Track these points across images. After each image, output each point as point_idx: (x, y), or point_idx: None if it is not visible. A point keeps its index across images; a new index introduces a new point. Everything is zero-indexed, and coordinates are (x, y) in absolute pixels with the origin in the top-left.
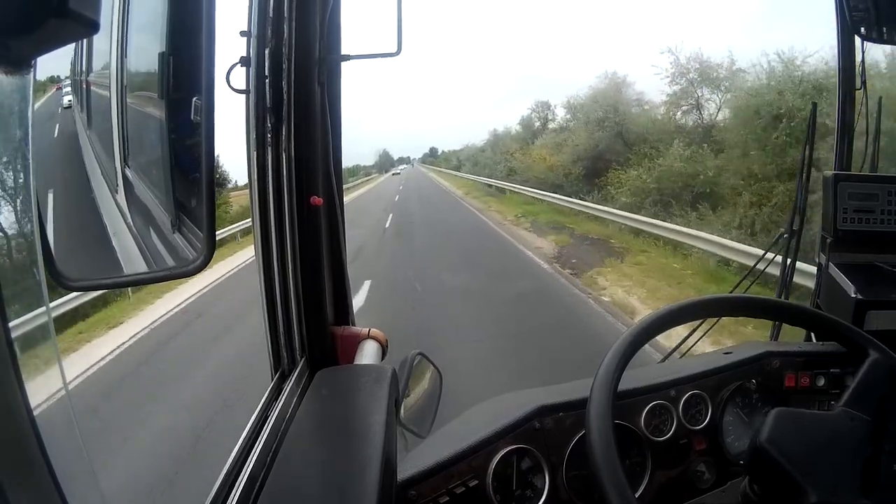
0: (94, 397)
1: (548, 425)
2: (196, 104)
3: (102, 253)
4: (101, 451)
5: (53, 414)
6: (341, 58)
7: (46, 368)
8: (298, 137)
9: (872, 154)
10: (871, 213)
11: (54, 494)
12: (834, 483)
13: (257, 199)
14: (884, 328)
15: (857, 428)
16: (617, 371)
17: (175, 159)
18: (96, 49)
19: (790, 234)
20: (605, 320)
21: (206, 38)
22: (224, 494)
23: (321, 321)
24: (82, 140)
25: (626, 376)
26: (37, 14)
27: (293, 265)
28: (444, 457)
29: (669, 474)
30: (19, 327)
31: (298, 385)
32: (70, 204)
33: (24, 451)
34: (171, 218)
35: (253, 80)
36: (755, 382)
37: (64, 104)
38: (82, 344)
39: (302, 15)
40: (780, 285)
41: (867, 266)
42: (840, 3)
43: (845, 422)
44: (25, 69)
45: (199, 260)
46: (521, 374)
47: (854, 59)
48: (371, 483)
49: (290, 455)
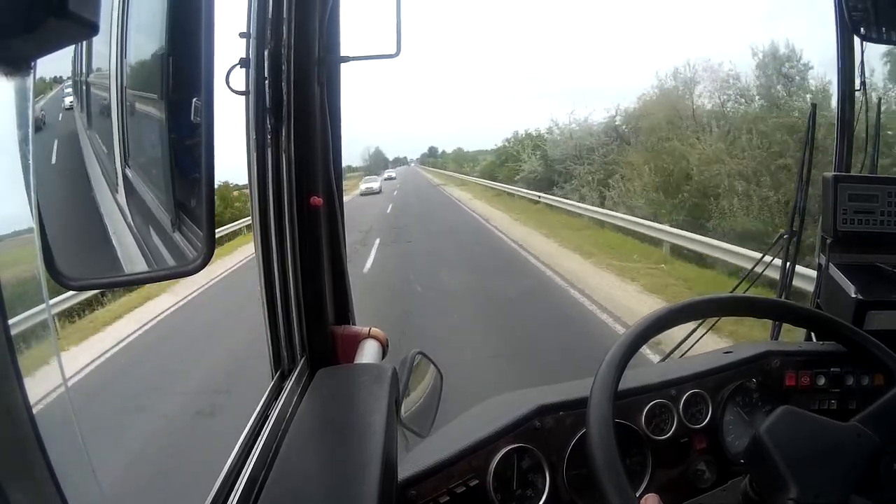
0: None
1: (548, 424)
2: (196, 105)
3: (102, 252)
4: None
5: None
6: (341, 59)
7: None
8: (298, 138)
9: (872, 155)
10: (870, 213)
11: (54, 494)
12: (819, 485)
13: (257, 199)
14: (884, 328)
15: (863, 445)
16: (617, 370)
17: (175, 159)
18: (96, 50)
19: (790, 235)
20: None
21: (205, 38)
22: (224, 494)
23: (321, 320)
24: (82, 140)
25: (626, 376)
26: (36, 15)
27: (293, 265)
28: (444, 456)
29: (670, 473)
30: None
31: (298, 385)
32: (70, 204)
33: (24, 451)
34: (171, 217)
35: (252, 81)
36: (755, 382)
37: (65, 105)
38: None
39: (301, 16)
40: (781, 285)
41: (867, 266)
42: (840, 3)
43: (852, 436)
44: (25, 70)
45: (199, 259)
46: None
47: (854, 59)
48: (371, 483)
49: (290, 455)
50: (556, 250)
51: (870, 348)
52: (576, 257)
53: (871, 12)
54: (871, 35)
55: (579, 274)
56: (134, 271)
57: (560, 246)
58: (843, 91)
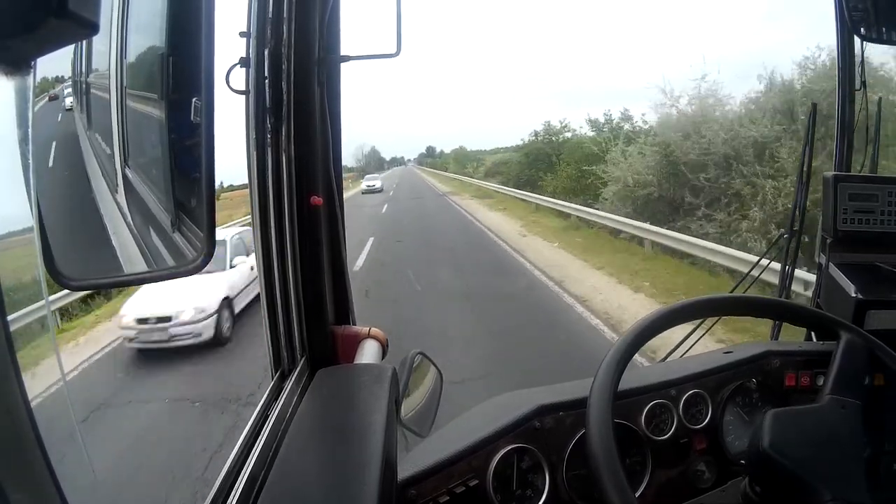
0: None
1: (548, 425)
2: (196, 104)
3: (102, 252)
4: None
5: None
6: (341, 58)
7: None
8: (298, 137)
9: (872, 154)
10: (870, 213)
11: (54, 494)
12: (843, 477)
13: (257, 199)
14: (884, 328)
15: (850, 415)
16: (617, 370)
17: (175, 159)
18: (96, 49)
19: (790, 235)
20: None
21: (205, 38)
22: (224, 494)
23: (321, 320)
24: (82, 140)
25: (626, 376)
26: (36, 15)
27: (293, 265)
28: (444, 456)
29: (669, 474)
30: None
31: (298, 384)
32: (70, 204)
33: (24, 450)
34: (171, 217)
35: (252, 80)
36: (755, 382)
37: (66, 105)
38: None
39: (301, 15)
40: (781, 285)
41: (867, 266)
42: (840, 3)
43: (837, 410)
44: (25, 70)
45: (200, 259)
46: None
47: (854, 59)
48: (371, 483)
49: (290, 455)
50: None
51: (839, 329)
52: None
53: (871, 12)
54: (871, 35)
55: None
56: (134, 271)
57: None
58: (843, 91)
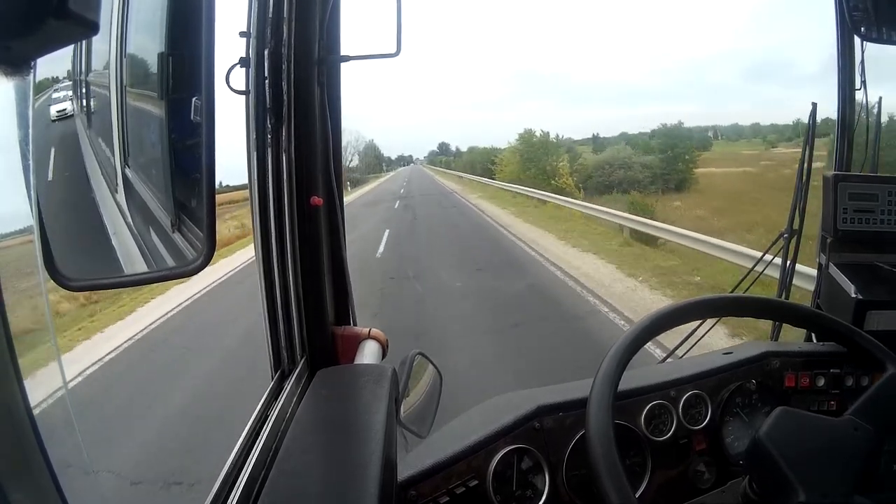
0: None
1: (548, 425)
2: (196, 104)
3: (102, 253)
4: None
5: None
6: (341, 58)
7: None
8: (298, 138)
9: (872, 154)
10: (870, 213)
11: (54, 494)
12: (823, 484)
13: (257, 199)
14: (884, 328)
15: (860, 437)
16: (617, 371)
17: (175, 159)
18: (96, 49)
19: (790, 234)
20: None
21: (205, 38)
22: (224, 494)
23: (321, 321)
24: (82, 140)
25: (626, 376)
26: (36, 15)
27: (293, 265)
28: (444, 457)
29: (669, 474)
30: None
31: (298, 385)
32: (70, 204)
33: (24, 451)
34: (171, 218)
35: (252, 80)
36: (755, 382)
37: (67, 111)
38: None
39: (301, 15)
40: (781, 285)
41: (867, 266)
42: (840, 3)
43: (849, 430)
44: (25, 70)
45: (200, 260)
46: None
47: (854, 59)
48: (371, 483)
49: (290, 455)
50: None
51: (870, 348)
52: None
53: (871, 12)
54: (871, 35)
55: None
56: (134, 272)
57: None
58: (843, 91)
